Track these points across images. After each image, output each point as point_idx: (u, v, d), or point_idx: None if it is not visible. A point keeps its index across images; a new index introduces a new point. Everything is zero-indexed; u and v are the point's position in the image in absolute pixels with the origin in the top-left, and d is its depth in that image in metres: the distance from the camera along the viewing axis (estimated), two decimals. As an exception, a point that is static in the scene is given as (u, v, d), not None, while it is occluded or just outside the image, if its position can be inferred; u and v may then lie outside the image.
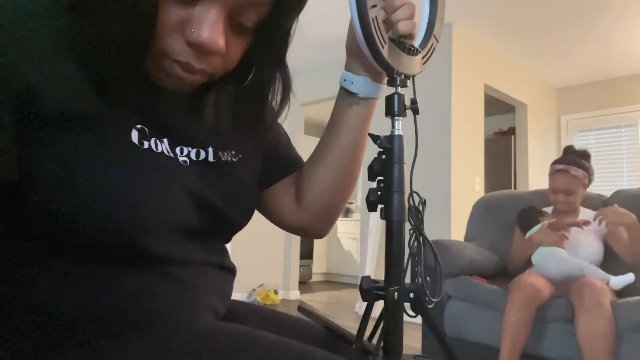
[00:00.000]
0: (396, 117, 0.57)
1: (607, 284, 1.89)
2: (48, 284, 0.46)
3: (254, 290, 4.51)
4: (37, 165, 0.43)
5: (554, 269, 1.98)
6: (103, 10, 0.43)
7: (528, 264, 2.14)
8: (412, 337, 2.47)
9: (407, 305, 0.55)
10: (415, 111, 0.58)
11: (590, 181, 2.17)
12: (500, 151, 5.23)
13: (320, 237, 0.74)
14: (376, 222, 4.12)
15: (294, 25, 0.55)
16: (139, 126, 0.49)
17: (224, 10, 0.47)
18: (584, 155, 2.19)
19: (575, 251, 2.03)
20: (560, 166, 2.15)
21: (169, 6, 0.45)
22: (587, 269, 1.93)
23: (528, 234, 2.16)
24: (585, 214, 2.18)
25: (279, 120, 0.65)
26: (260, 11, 0.49)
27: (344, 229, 6.69)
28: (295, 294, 4.99)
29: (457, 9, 3.68)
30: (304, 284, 6.21)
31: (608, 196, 2.40)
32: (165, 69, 0.48)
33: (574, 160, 2.15)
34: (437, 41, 0.63)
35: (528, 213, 2.23)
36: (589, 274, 1.91)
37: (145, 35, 0.44)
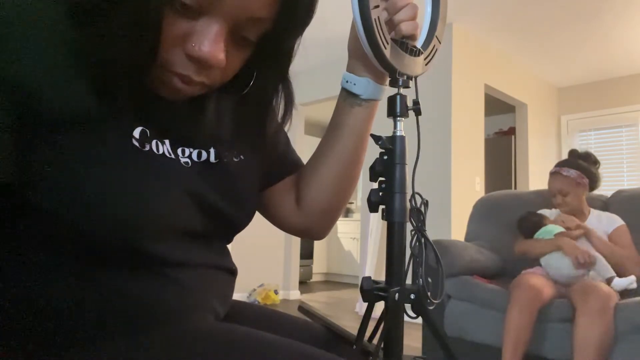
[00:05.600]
0: (398, 118, 0.57)
1: (610, 282, 1.91)
2: (48, 286, 0.46)
3: (254, 290, 4.51)
4: (37, 168, 0.43)
5: (566, 269, 1.97)
6: (107, 21, 0.43)
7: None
8: (412, 337, 2.47)
9: (407, 305, 0.55)
10: (418, 112, 0.58)
11: (593, 181, 2.18)
12: (501, 151, 5.23)
13: (320, 238, 0.74)
14: (376, 222, 4.12)
15: (297, 41, 0.55)
16: (140, 128, 0.49)
17: (226, 25, 0.47)
18: (585, 157, 2.23)
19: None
20: (553, 169, 2.23)
21: (172, 19, 0.45)
22: (598, 261, 1.95)
23: (537, 236, 2.15)
24: (593, 216, 2.19)
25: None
26: (262, 26, 0.49)
27: (344, 229, 6.69)
28: (295, 294, 4.99)
29: (458, 9, 3.68)
30: (304, 284, 6.21)
31: (609, 196, 2.40)
32: (164, 80, 0.48)
33: (568, 162, 2.21)
34: (439, 42, 0.63)
35: (530, 218, 2.23)
36: (599, 268, 1.94)
37: (149, 48, 0.44)
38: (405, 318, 0.54)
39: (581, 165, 2.17)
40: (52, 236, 0.46)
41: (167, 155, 0.51)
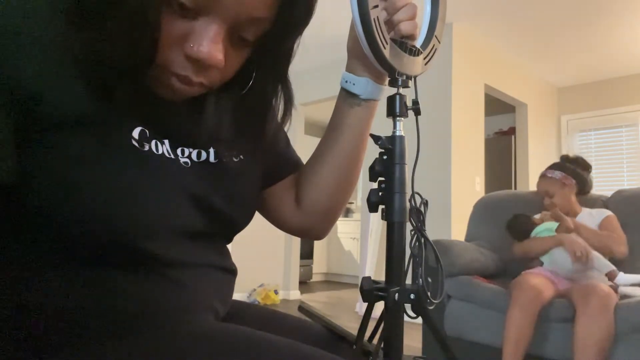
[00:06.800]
0: (398, 118, 0.57)
1: (614, 279, 1.92)
2: (48, 286, 0.46)
3: (254, 290, 4.51)
4: (37, 168, 0.43)
5: (570, 264, 1.98)
6: (105, 22, 0.42)
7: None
8: (412, 337, 2.47)
9: (407, 305, 0.55)
10: (417, 112, 0.58)
11: (581, 184, 2.25)
12: (500, 151, 5.23)
13: (319, 238, 0.74)
14: (376, 222, 4.12)
15: (297, 41, 0.55)
16: (139, 128, 0.49)
17: (225, 25, 0.46)
18: (574, 161, 2.32)
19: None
20: (542, 172, 2.35)
21: (170, 19, 0.45)
22: (595, 259, 1.96)
23: (536, 234, 2.18)
24: (584, 213, 2.22)
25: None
26: (261, 26, 0.49)
27: (344, 229, 6.69)
28: (295, 294, 4.99)
29: (458, 9, 3.68)
30: (304, 284, 6.21)
31: (609, 196, 2.40)
32: (163, 80, 0.48)
33: (555, 164, 2.33)
34: (439, 42, 0.63)
35: (519, 219, 2.29)
36: (598, 265, 1.95)
37: (147, 48, 0.44)
38: (405, 318, 0.54)
39: (568, 168, 2.27)
40: (51, 236, 0.46)
41: (167, 155, 0.51)
